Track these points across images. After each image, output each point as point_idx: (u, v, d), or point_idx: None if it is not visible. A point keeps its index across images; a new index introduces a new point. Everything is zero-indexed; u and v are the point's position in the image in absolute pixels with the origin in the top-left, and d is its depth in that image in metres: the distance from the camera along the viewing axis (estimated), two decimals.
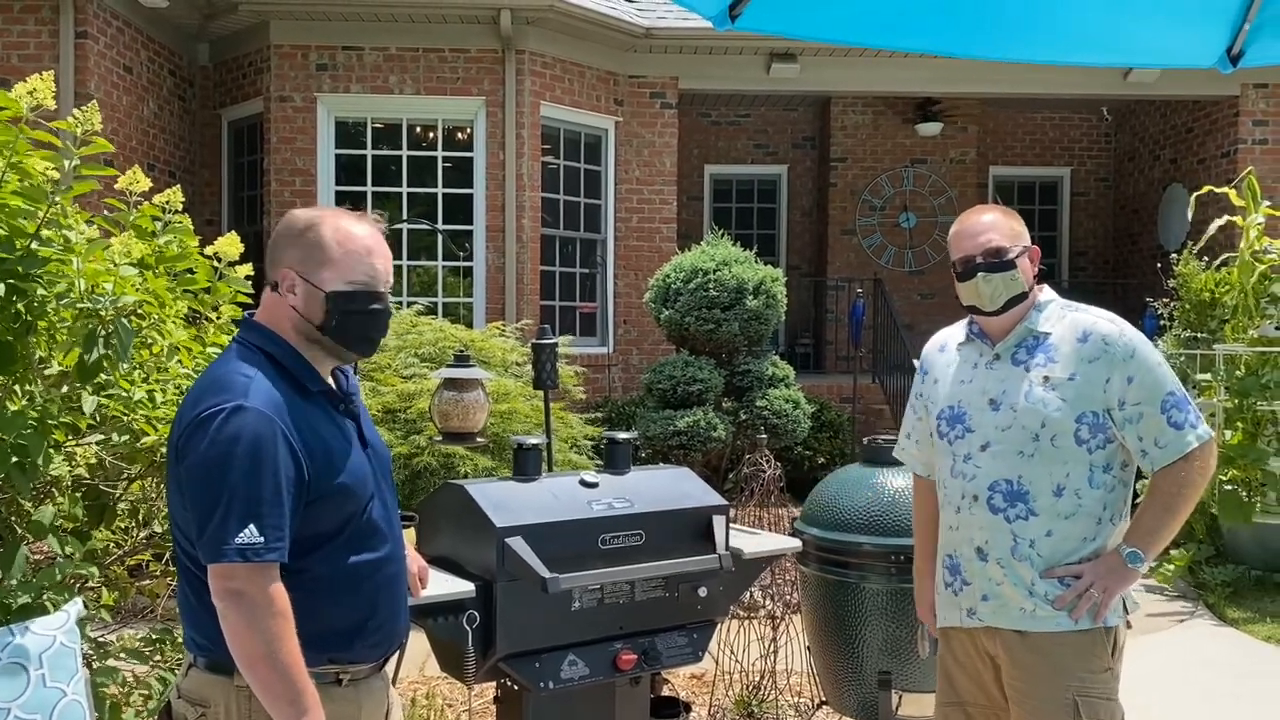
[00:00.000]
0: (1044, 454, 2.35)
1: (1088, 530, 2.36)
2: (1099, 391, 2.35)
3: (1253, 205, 7.00)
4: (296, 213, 2.00)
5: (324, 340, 1.96)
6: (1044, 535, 2.35)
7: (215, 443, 1.77)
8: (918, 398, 2.68)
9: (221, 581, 1.76)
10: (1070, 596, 2.33)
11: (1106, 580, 2.32)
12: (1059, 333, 2.43)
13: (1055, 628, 2.34)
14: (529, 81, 8.90)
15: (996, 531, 2.39)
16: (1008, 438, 2.39)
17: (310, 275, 1.93)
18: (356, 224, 1.97)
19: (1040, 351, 2.42)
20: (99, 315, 2.30)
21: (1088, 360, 2.37)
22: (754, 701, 4.19)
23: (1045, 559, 2.36)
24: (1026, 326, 2.46)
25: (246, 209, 9.47)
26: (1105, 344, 2.37)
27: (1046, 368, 2.40)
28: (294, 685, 1.75)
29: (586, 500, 2.64)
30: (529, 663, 2.52)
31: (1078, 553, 2.36)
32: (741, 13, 2.30)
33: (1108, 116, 12.90)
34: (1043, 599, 2.35)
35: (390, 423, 5.64)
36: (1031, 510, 2.36)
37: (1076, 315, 2.45)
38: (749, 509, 4.72)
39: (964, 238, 2.49)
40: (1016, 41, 2.59)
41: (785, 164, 12.62)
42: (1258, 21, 2.36)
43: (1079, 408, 2.35)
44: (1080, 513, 2.35)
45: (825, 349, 11.91)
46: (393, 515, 2.03)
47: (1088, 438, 2.35)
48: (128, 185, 2.67)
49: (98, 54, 7.70)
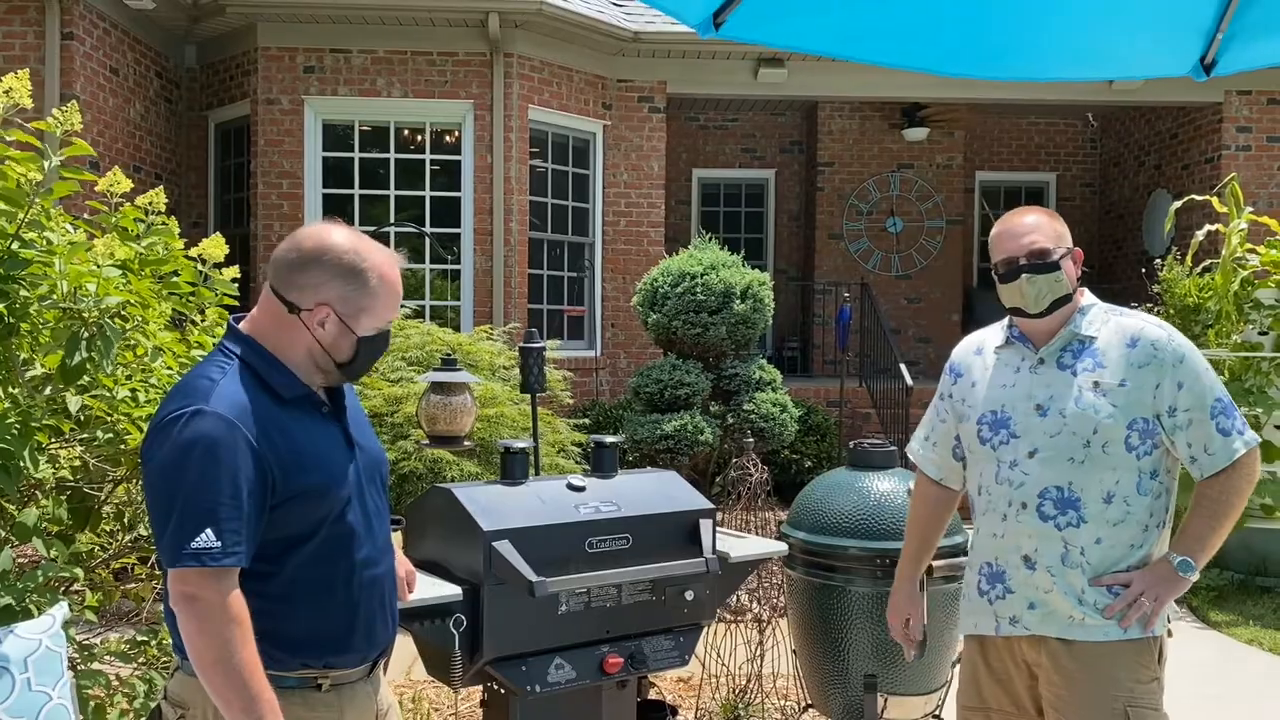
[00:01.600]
0: (1094, 460, 2.32)
1: (1135, 537, 2.33)
2: (1149, 397, 2.32)
3: (1235, 212, 7.05)
4: (339, 241, 1.91)
5: (336, 372, 1.96)
6: (1093, 543, 2.32)
7: (174, 447, 1.77)
8: (943, 399, 2.63)
9: (177, 586, 1.75)
10: (1120, 605, 2.29)
11: (1157, 589, 2.29)
12: (1105, 337, 2.39)
13: (1104, 637, 2.31)
14: (517, 85, 8.91)
15: (1046, 539, 2.35)
16: (1057, 444, 2.35)
17: (349, 318, 1.91)
18: (394, 268, 1.95)
19: (1087, 356, 2.38)
20: (82, 317, 2.29)
21: (1137, 366, 2.33)
22: (740, 705, 4.19)
23: (1094, 567, 2.32)
24: (1071, 330, 2.41)
25: (233, 211, 9.45)
26: (1155, 349, 2.34)
27: (1095, 373, 2.35)
28: (248, 692, 1.72)
29: (573, 504, 2.64)
30: (516, 666, 2.51)
31: (1125, 560, 2.33)
32: (725, 21, 2.30)
33: (1093, 122, 12.98)
34: (1092, 608, 2.31)
35: (377, 427, 5.62)
36: (1082, 518, 2.32)
37: (1122, 320, 2.42)
38: (736, 512, 4.72)
39: (1007, 239, 2.45)
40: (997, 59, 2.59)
41: (773, 168, 12.65)
42: (1230, 30, 2.38)
43: (1130, 414, 2.31)
44: (1129, 520, 2.33)
45: (812, 353, 11.94)
46: (374, 520, 2.01)
47: (1137, 444, 2.32)
48: (108, 187, 2.66)
49: (84, 55, 7.67)
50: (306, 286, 1.90)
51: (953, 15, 2.40)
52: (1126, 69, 2.91)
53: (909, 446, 2.76)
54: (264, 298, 1.96)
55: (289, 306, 1.91)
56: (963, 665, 2.57)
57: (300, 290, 1.90)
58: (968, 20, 2.41)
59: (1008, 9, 2.39)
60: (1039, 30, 2.47)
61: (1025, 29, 2.46)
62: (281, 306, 1.92)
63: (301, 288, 1.90)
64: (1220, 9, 2.35)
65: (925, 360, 12.04)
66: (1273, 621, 5.88)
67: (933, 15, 2.39)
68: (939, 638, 3.18)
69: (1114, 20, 2.41)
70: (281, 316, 1.93)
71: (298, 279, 1.90)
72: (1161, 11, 2.40)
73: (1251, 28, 2.37)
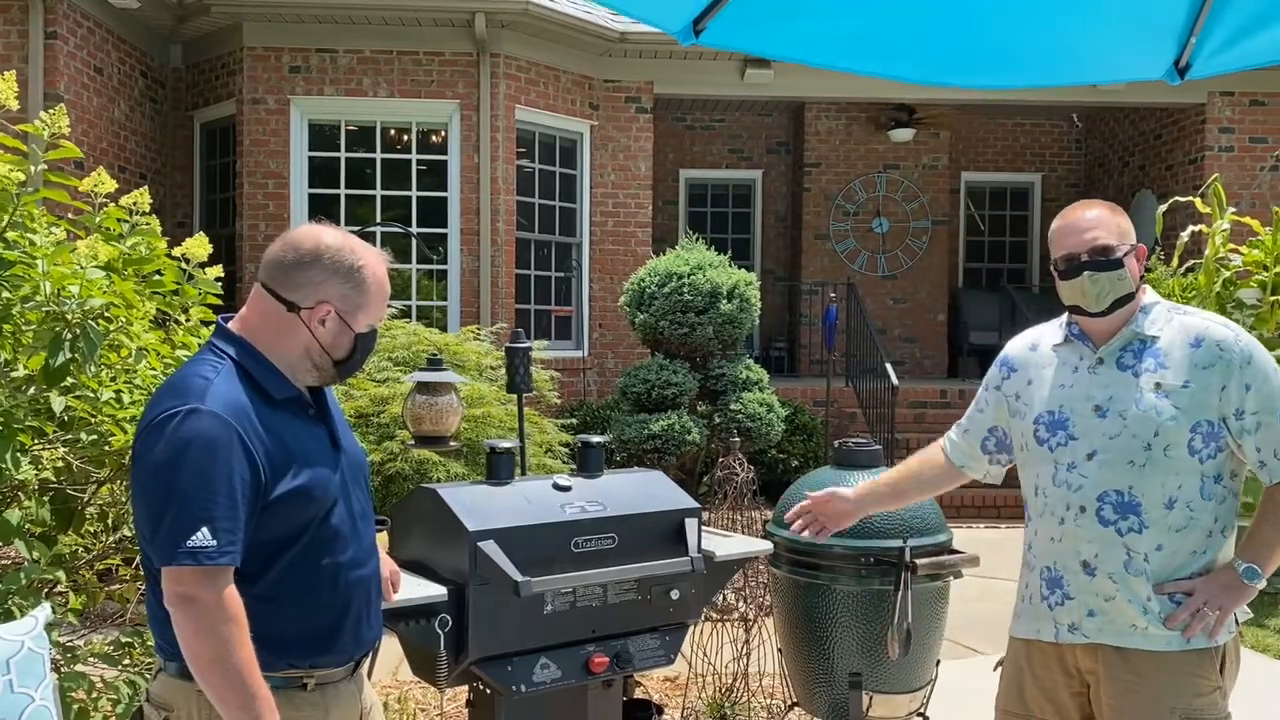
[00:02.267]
0: (1156, 464, 2.23)
1: (1198, 544, 2.25)
2: (1214, 399, 2.23)
3: (1218, 212, 7.09)
4: (333, 241, 1.94)
5: (332, 371, 1.98)
6: (1154, 549, 2.23)
7: (169, 445, 1.77)
8: (988, 390, 2.56)
9: (172, 585, 1.75)
10: (1184, 615, 2.21)
11: (1221, 598, 2.20)
12: (1168, 337, 2.30)
13: (1166, 646, 2.22)
14: (503, 85, 8.90)
15: (1108, 545, 2.26)
16: (1117, 446, 2.26)
17: (348, 315, 1.95)
18: (382, 263, 2.00)
19: (1149, 356, 2.29)
20: (65, 318, 2.29)
21: (1202, 367, 2.24)
22: (726, 704, 4.20)
23: (1155, 573, 2.23)
24: (1132, 329, 2.32)
25: (219, 212, 9.42)
26: (1220, 350, 2.25)
27: (1158, 374, 2.27)
28: (245, 690, 1.73)
29: (559, 504, 2.65)
30: (501, 666, 2.52)
31: (1188, 567, 2.24)
32: (706, 28, 2.31)
33: (1078, 123, 13.04)
34: (1156, 616, 2.23)
35: (363, 427, 5.62)
36: (1143, 523, 2.23)
37: (1186, 319, 2.32)
38: (723, 512, 4.74)
39: (1068, 234, 2.34)
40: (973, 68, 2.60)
41: (760, 169, 12.68)
42: (1203, 34, 2.40)
43: (1194, 416, 2.23)
44: (1192, 525, 2.24)
45: (799, 353, 11.97)
46: (359, 520, 2.02)
47: (1200, 447, 2.23)
48: (93, 188, 2.65)
49: (68, 55, 7.63)
50: (306, 285, 1.92)
51: (929, 25, 2.41)
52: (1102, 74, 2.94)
53: (946, 435, 2.69)
54: (255, 297, 1.97)
55: (288, 305, 1.93)
56: (1006, 668, 2.49)
57: (300, 289, 1.92)
58: (945, 29, 2.42)
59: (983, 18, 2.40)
60: (1014, 38, 2.48)
61: (1001, 37, 2.48)
62: (278, 306, 1.93)
63: (301, 286, 1.92)
64: (1193, 14, 2.37)
65: (911, 360, 12.08)
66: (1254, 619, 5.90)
67: (910, 25, 2.41)
68: (924, 636, 3.20)
69: (1088, 26, 2.43)
70: (276, 316, 1.94)
71: (297, 278, 1.92)
72: (1135, 17, 2.42)
73: (1224, 32, 2.40)
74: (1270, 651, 5.39)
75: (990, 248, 13.21)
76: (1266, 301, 6.84)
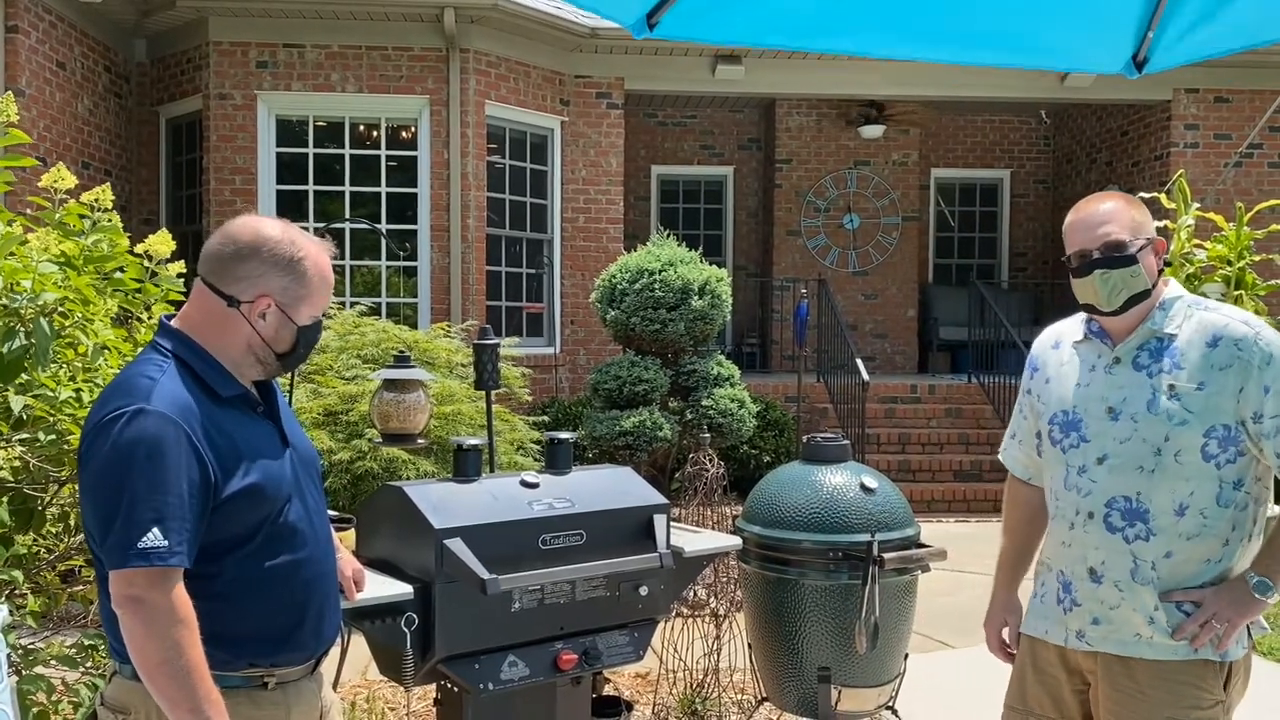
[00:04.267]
0: (1166, 470, 2.14)
1: (1212, 552, 2.15)
2: (1231, 402, 2.11)
3: (1183, 208, 7.17)
4: (273, 232, 1.91)
5: (275, 364, 1.96)
6: (1163, 556, 2.15)
7: (116, 447, 1.74)
8: (1025, 394, 2.47)
9: (121, 588, 1.72)
10: (1191, 626, 2.13)
11: (1230, 610, 2.11)
12: (1186, 335, 2.19)
13: (1171, 656, 2.15)
14: (474, 80, 8.85)
15: (1114, 552, 2.19)
16: (1126, 451, 2.18)
17: (289, 308, 1.92)
18: (325, 254, 1.97)
19: (1166, 356, 2.19)
20: (17, 313, 2.24)
21: (1218, 368, 2.13)
22: (697, 700, 4.20)
23: (1163, 581, 2.15)
24: (1149, 327, 2.22)
25: (185, 208, 9.31)
26: (1238, 349, 2.13)
27: (1172, 375, 2.16)
28: (194, 694, 1.71)
29: (527, 501, 2.63)
30: (468, 664, 2.50)
31: (1200, 576, 2.15)
32: (660, 21, 2.31)
33: (1046, 120, 13.15)
34: (1163, 626, 2.15)
35: (331, 425, 5.57)
36: (1151, 530, 2.15)
37: (1206, 315, 2.20)
38: (694, 508, 4.74)
39: (1079, 229, 2.25)
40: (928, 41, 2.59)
41: (731, 165, 12.70)
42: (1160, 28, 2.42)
43: (1208, 420, 2.12)
44: (1205, 533, 2.14)
45: (771, 348, 12.00)
46: (315, 517, 2.00)
47: (1216, 452, 2.13)
48: (52, 182, 2.60)
49: (29, 49, 7.52)
50: (245, 279, 1.89)
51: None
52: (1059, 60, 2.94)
53: (1000, 448, 2.60)
54: (196, 293, 1.94)
55: (228, 300, 1.90)
56: (1015, 663, 2.45)
57: (239, 282, 1.89)
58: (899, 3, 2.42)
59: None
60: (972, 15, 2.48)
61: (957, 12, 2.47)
62: (218, 301, 1.90)
63: (240, 280, 1.89)
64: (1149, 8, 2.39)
65: (881, 356, 12.14)
66: None
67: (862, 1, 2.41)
68: (891, 631, 3.21)
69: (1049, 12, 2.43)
70: (217, 311, 1.91)
71: (236, 271, 1.89)
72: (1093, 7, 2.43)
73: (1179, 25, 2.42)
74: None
75: (960, 244, 13.30)
76: (1230, 296, 6.92)
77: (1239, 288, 6.91)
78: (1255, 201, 8.29)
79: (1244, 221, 7.03)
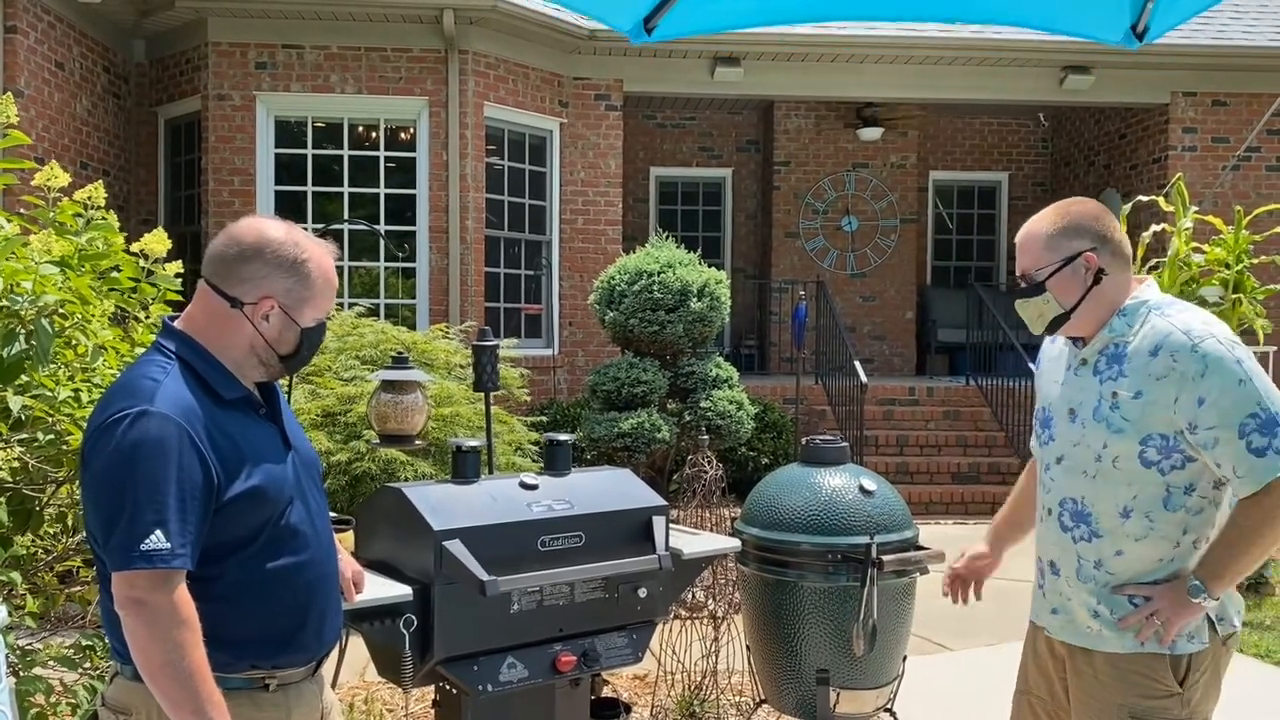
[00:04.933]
0: (1106, 475, 2.20)
1: (1164, 553, 2.20)
2: (1167, 413, 2.13)
3: (1181, 211, 7.18)
4: (277, 234, 1.91)
5: (279, 366, 1.96)
6: (1114, 554, 2.22)
7: (119, 449, 1.74)
8: None
9: (124, 590, 1.72)
10: (1134, 619, 2.20)
11: (1170, 609, 2.16)
12: (1136, 342, 2.21)
13: (1120, 648, 2.23)
14: (472, 82, 8.85)
15: (1064, 550, 2.30)
16: (1076, 454, 2.26)
17: (292, 310, 1.92)
18: (328, 256, 1.97)
19: (1117, 363, 2.23)
20: (18, 315, 2.24)
21: (1156, 378, 2.14)
22: (696, 702, 4.20)
23: (1117, 576, 2.22)
24: (1107, 333, 2.26)
25: (184, 209, 9.30)
26: (1174, 360, 2.13)
27: (1117, 382, 2.20)
28: (197, 695, 1.71)
29: (526, 502, 2.63)
30: (467, 666, 2.50)
31: (1155, 574, 2.21)
32: (656, 26, 2.32)
33: (1044, 122, 13.17)
34: (1107, 620, 2.24)
35: (330, 426, 5.56)
36: (1095, 532, 2.23)
37: (1158, 322, 2.20)
38: (692, 509, 4.74)
39: (1017, 253, 2.33)
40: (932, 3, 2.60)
41: (730, 167, 12.70)
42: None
43: (1144, 430, 2.15)
44: (1153, 535, 2.19)
45: (769, 350, 12.00)
46: (317, 519, 2.00)
47: (1157, 459, 2.15)
48: (45, 181, 2.60)
49: (28, 49, 7.51)
50: (249, 280, 1.89)
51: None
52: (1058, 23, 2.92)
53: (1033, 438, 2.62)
54: (200, 294, 1.94)
55: (231, 301, 1.90)
56: (1024, 648, 2.53)
57: (242, 284, 1.90)
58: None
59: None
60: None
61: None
62: (222, 302, 1.90)
63: (243, 281, 1.90)
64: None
65: (880, 358, 12.15)
66: None
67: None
68: (890, 632, 3.21)
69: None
70: (221, 312, 1.91)
71: (240, 273, 1.89)
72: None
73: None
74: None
75: (958, 246, 13.31)
76: (1228, 299, 6.94)
77: (1237, 291, 6.91)
78: (1253, 205, 8.31)
79: (1242, 225, 7.04)
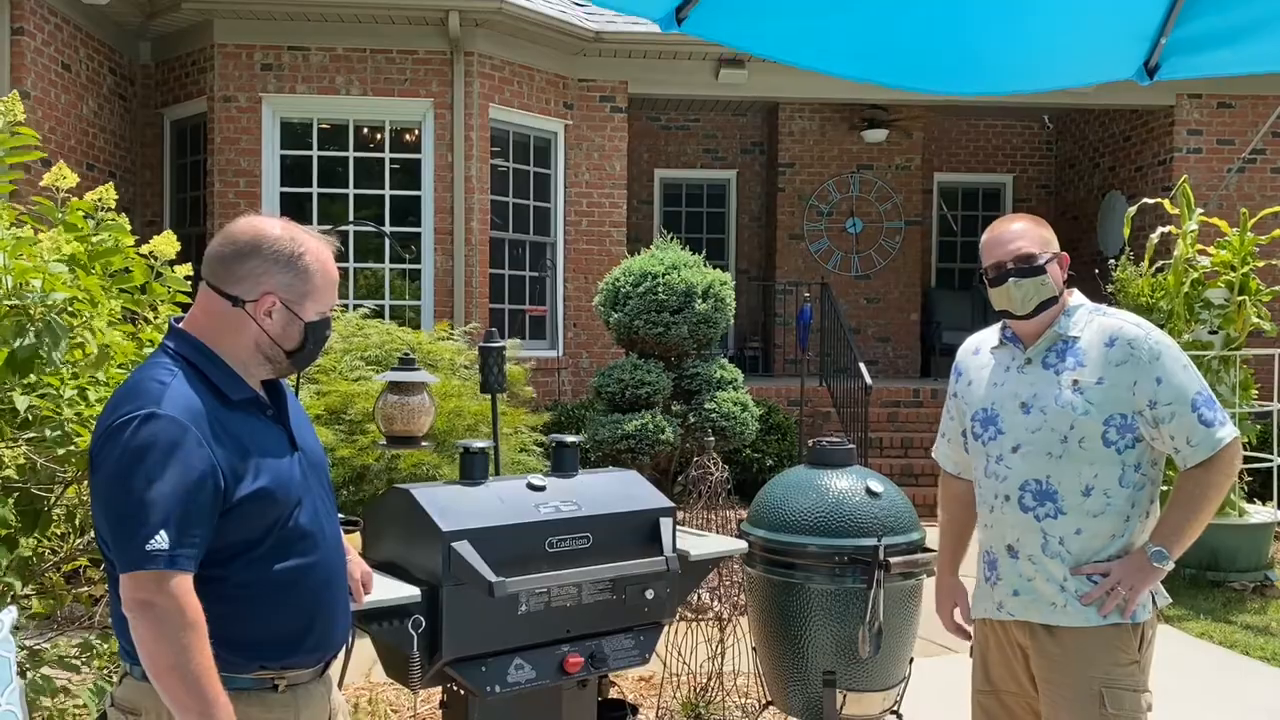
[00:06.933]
0: (1071, 455, 2.43)
1: (1116, 528, 2.44)
2: (1127, 394, 2.42)
3: (1186, 214, 7.16)
4: (273, 230, 1.92)
5: (285, 362, 1.96)
6: (1073, 533, 2.44)
7: (127, 451, 1.74)
8: (952, 398, 2.77)
9: (131, 591, 1.72)
10: (1098, 594, 2.41)
11: (1133, 578, 2.40)
12: (1087, 337, 2.51)
13: (1084, 622, 2.42)
14: (478, 84, 8.86)
15: (1027, 530, 2.48)
16: (1037, 439, 2.48)
17: (294, 304, 1.92)
18: (327, 250, 1.97)
19: (1070, 355, 2.50)
20: (27, 312, 2.24)
21: (1115, 364, 2.45)
22: (701, 703, 4.20)
23: (1074, 555, 2.44)
24: (1056, 331, 2.53)
25: (189, 210, 9.32)
26: (1131, 347, 2.45)
27: (1076, 371, 2.47)
28: (204, 697, 1.71)
29: (533, 504, 2.63)
30: (475, 667, 2.50)
31: (1105, 550, 2.44)
32: (688, 16, 2.31)
33: (1049, 124, 13.15)
34: (1073, 595, 2.43)
35: (334, 424, 5.58)
36: (1060, 509, 2.45)
37: (1104, 320, 2.53)
38: (697, 511, 4.73)
39: (995, 245, 2.58)
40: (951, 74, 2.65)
41: (734, 169, 12.70)
42: (1173, 37, 2.44)
43: (1106, 410, 2.42)
44: (1109, 511, 2.44)
45: (774, 352, 11.99)
46: (325, 520, 1.99)
47: (1116, 439, 2.43)
48: (54, 181, 2.60)
49: (34, 51, 7.53)
50: (247, 277, 1.90)
51: (905, 29, 2.44)
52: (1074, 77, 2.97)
53: (934, 448, 2.89)
54: (202, 295, 1.94)
55: (232, 300, 1.90)
56: (975, 650, 2.67)
57: (241, 282, 1.90)
58: (920, 34, 2.45)
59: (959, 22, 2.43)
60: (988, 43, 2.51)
61: (977, 44, 2.50)
62: (223, 302, 1.91)
63: (242, 279, 1.90)
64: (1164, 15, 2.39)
65: (884, 359, 12.14)
66: (1223, 615, 5.99)
67: (885, 29, 2.44)
68: (897, 634, 3.21)
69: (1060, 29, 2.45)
70: (223, 312, 1.91)
71: (238, 271, 1.90)
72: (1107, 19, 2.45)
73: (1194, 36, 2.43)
74: (1238, 648, 5.46)
75: (962, 248, 13.30)
76: (1234, 301, 6.92)
77: (1243, 293, 6.90)
78: (1258, 207, 8.29)
79: (1247, 227, 7.02)
